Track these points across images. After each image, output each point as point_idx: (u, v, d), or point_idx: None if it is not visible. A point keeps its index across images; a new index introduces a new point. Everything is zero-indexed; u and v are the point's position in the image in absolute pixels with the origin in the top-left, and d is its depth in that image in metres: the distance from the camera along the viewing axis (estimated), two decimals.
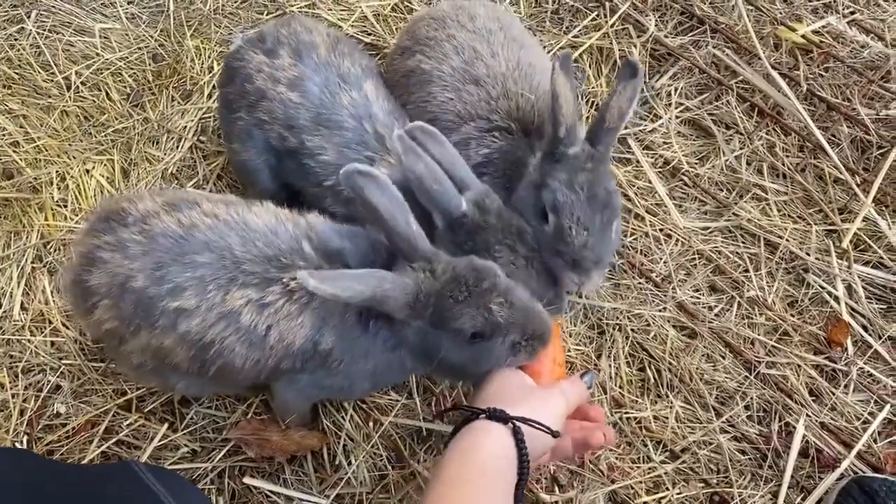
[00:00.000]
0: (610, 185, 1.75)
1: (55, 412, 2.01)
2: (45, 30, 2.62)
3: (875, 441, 1.99)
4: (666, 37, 2.60)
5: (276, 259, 1.53)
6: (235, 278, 1.50)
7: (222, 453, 1.95)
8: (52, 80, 2.53)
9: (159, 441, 1.96)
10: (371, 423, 2.00)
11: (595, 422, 1.63)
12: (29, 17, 2.62)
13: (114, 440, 1.96)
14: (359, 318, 1.56)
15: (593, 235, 1.72)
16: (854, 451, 1.95)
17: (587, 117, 2.46)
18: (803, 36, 2.53)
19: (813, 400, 2.05)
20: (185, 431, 1.98)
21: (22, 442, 1.95)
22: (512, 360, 1.57)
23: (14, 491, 1.37)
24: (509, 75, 1.96)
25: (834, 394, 2.05)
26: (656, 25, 2.60)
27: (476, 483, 1.32)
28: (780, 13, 2.64)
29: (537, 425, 1.42)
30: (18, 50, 2.57)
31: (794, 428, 2.00)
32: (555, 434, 1.44)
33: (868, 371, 2.08)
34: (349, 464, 1.95)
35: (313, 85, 1.90)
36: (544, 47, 2.54)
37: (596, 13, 2.65)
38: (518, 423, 1.40)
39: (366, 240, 1.63)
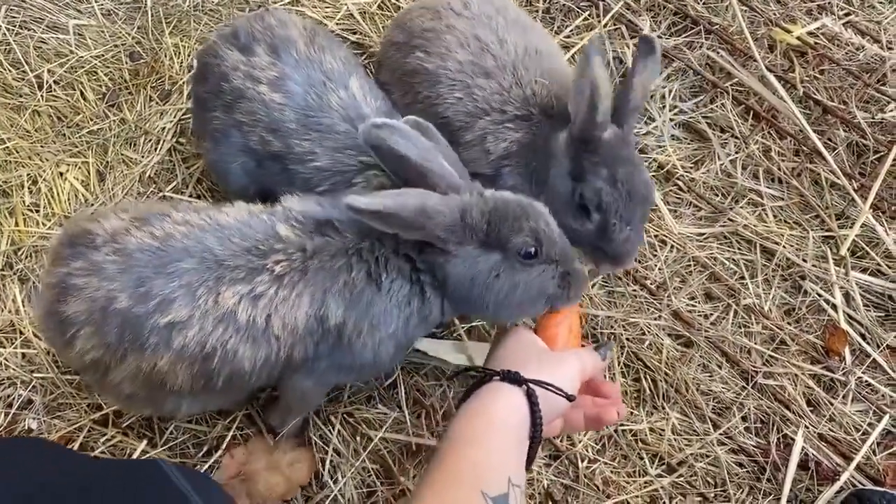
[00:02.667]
0: (645, 175, 1.75)
1: (27, 428, 1.92)
2: (15, 26, 2.50)
3: (874, 453, 1.96)
4: (659, 38, 2.55)
5: (255, 248, 1.48)
6: (222, 276, 1.44)
7: (204, 469, 1.87)
8: (24, 79, 2.42)
9: (138, 457, 1.87)
10: (359, 438, 1.93)
11: (608, 398, 1.58)
12: None
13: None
14: (369, 278, 1.51)
15: (634, 230, 1.73)
16: (854, 464, 1.92)
17: None
18: (798, 38, 2.48)
19: (811, 410, 2.01)
20: (164, 447, 1.90)
21: None
22: (557, 295, 1.55)
23: (40, 485, 1.28)
24: (519, 63, 1.88)
25: (832, 404, 2.01)
26: (650, 26, 2.55)
27: (486, 440, 1.29)
28: (775, 14, 2.59)
29: (552, 388, 1.38)
30: None
31: (793, 440, 1.96)
32: (570, 398, 1.40)
33: (866, 381, 2.04)
34: (335, 481, 1.88)
35: (295, 84, 1.81)
36: None
37: (588, 13, 2.59)
38: (532, 386, 1.36)
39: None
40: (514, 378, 1.37)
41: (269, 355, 1.49)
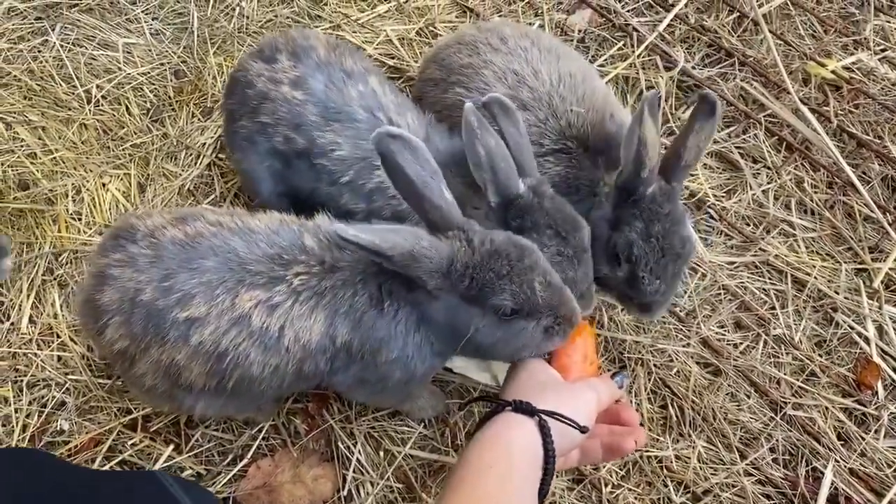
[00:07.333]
0: (685, 232, 1.74)
1: (59, 429, 1.96)
2: (68, 43, 2.61)
3: None
4: (693, 68, 2.57)
5: (279, 256, 1.50)
6: (243, 279, 1.47)
7: (228, 477, 1.89)
8: (73, 93, 2.51)
9: (164, 462, 1.90)
10: (382, 454, 1.94)
11: (627, 425, 1.54)
12: (53, 29, 2.62)
13: (117, 460, 1.91)
14: (371, 301, 1.49)
15: (664, 283, 1.73)
16: (885, 501, 1.87)
17: None
18: (833, 71, 2.49)
19: (842, 444, 1.97)
20: (190, 454, 1.92)
21: None
22: (544, 345, 1.50)
23: (37, 495, 1.31)
24: (554, 92, 1.92)
25: (864, 439, 1.97)
26: (684, 57, 2.57)
27: (498, 468, 1.28)
28: (810, 48, 2.60)
29: (565, 419, 1.35)
30: (41, 62, 2.56)
31: (822, 473, 1.92)
32: (583, 430, 1.37)
33: None
34: (358, 496, 1.88)
35: (317, 82, 1.86)
36: None
37: (622, 43, 2.63)
38: (545, 417, 1.34)
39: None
40: (526, 409, 1.35)
41: (278, 364, 1.51)
